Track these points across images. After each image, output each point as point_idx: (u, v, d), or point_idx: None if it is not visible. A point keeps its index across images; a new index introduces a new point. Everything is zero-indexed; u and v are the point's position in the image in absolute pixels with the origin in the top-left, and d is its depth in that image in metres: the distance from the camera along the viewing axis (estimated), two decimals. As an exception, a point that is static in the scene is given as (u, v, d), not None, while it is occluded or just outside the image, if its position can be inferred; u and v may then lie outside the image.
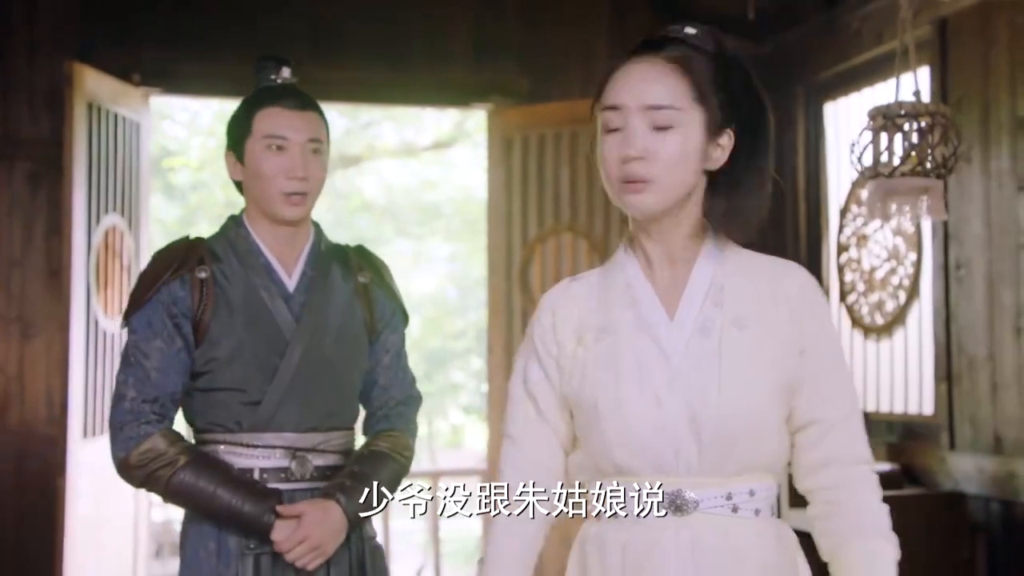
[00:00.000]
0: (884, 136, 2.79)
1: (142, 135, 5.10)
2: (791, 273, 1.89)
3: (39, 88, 5.02)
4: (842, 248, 5.03)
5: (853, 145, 2.86)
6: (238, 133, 2.45)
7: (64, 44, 5.00)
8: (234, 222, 2.51)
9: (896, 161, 2.74)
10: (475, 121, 11.74)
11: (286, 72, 2.55)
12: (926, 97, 4.38)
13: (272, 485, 2.39)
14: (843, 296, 5.02)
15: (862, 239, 4.88)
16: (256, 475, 2.40)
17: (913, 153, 2.74)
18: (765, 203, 1.89)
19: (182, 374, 2.39)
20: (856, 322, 4.92)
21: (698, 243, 1.86)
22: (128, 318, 2.42)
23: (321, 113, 2.53)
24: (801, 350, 1.81)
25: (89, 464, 4.57)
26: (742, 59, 1.88)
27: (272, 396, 2.40)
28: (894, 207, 2.76)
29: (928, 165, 2.75)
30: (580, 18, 5.66)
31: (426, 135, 15.05)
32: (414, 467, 2.65)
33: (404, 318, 2.64)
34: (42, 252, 5.00)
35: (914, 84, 2.91)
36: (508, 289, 5.45)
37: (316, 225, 2.57)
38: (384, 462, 2.49)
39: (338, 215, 15.59)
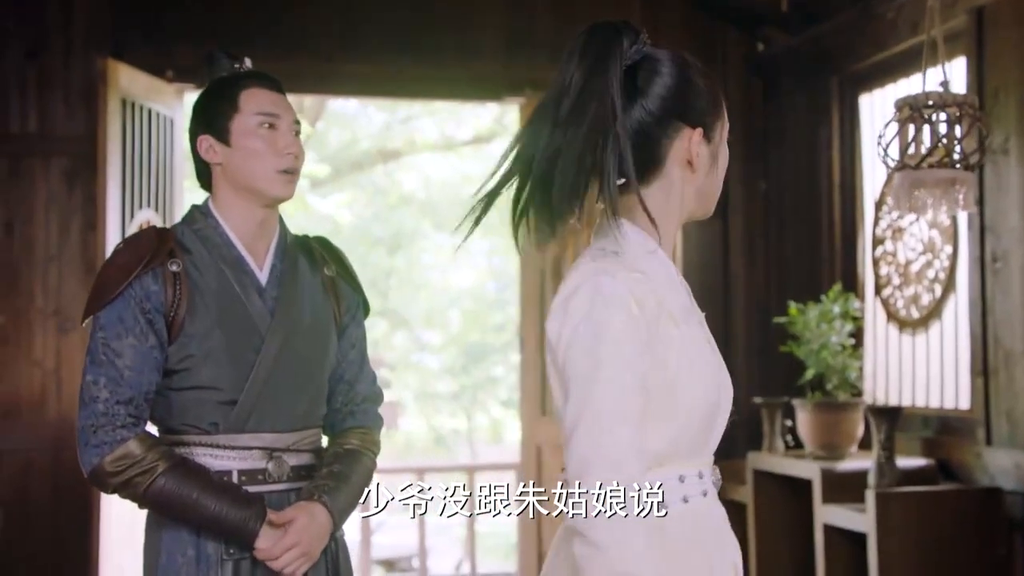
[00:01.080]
0: (911, 127, 2.73)
1: (176, 130, 5.12)
2: None
3: (75, 85, 5.06)
4: (877, 241, 4.96)
5: (880, 137, 2.81)
6: (219, 113, 2.35)
7: (99, 42, 5.04)
8: (200, 212, 2.40)
9: (923, 152, 2.69)
10: (514, 115, 11.74)
11: (248, 62, 2.48)
12: (962, 88, 4.32)
13: (251, 487, 2.31)
14: (878, 290, 4.95)
15: (897, 232, 4.81)
16: (234, 477, 2.31)
17: (941, 144, 2.69)
18: None
19: (156, 373, 2.27)
20: (891, 316, 4.85)
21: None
22: (95, 314, 2.28)
23: None
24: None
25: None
26: None
27: (249, 395, 2.31)
28: (923, 199, 2.71)
29: (956, 156, 2.69)
30: (611, 10, 5.58)
31: (465, 129, 15.06)
32: (451, 461, 2.61)
33: (366, 311, 2.59)
34: (78, 247, 5.05)
35: (943, 74, 2.85)
36: (541, 283, 5.43)
37: (280, 216, 2.50)
38: (360, 460, 2.44)
39: (377, 210, 15.62)
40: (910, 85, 4.70)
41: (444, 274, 16.68)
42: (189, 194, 5.44)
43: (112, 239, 4.66)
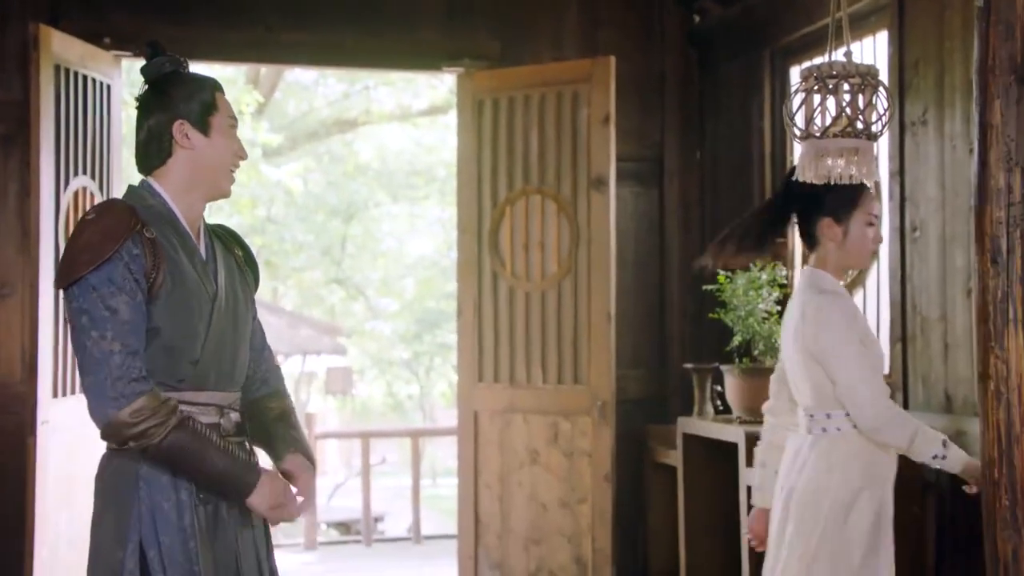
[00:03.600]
0: (816, 97, 2.76)
1: (113, 97, 5.06)
2: None
3: (11, 52, 4.99)
4: (805, 210, 4.98)
5: (785, 106, 2.83)
6: (203, 107, 2.53)
7: (35, 9, 4.96)
8: (145, 190, 2.54)
9: (827, 121, 2.71)
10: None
11: (187, 63, 2.65)
12: (884, 61, 4.35)
13: None
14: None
15: (824, 201, 4.83)
16: None
17: (844, 115, 2.71)
18: None
19: (145, 330, 2.41)
20: (818, 283, 4.88)
21: None
22: (83, 276, 2.37)
23: None
24: None
25: (59, 423, 4.57)
26: None
27: (207, 356, 2.50)
28: (827, 168, 2.73)
29: (859, 126, 2.72)
30: (549, -18, 5.61)
31: (421, 100, 15.00)
32: (397, 427, 2.85)
33: (257, 288, 2.83)
34: (15, 214, 4.98)
35: (847, 44, 2.87)
36: (478, 250, 5.43)
37: None
38: (295, 417, 2.72)
39: (333, 179, 15.55)
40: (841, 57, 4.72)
41: (400, 243, 16.65)
42: (127, 162, 5.40)
43: (46, 206, 4.60)
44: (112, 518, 2.46)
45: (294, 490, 2.58)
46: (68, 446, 4.61)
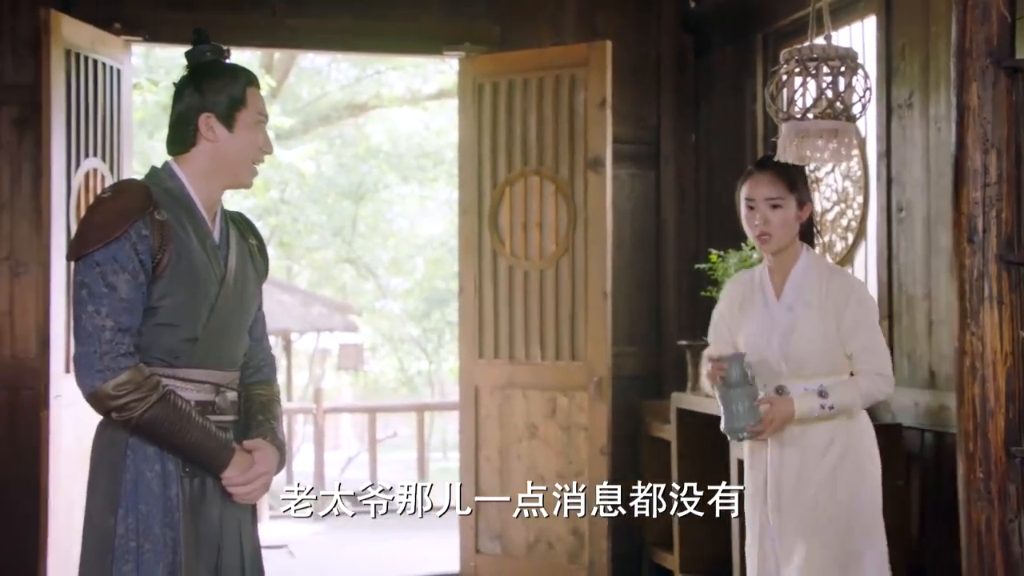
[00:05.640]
0: (797, 80, 2.74)
1: (123, 81, 5.06)
2: (837, 277, 3.35)
3: (23, 36, 5.00)
4: (797, 191, 4.97)
5: (767, 87, 2.82)
6: (230, 102, 2.55)
7: (47, -7, 4.97)
8: (166, 173, 2.57)
9: (808, 103, 2.70)
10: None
11: (229, 51, 2.67)
12: (872, 45, 4.33)
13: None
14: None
15: (815, 183, 4.82)
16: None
17: (825, 97, 2.70)
18: (817, 231, 3.59)
19: (143, 309, 2.45)
20: (808, 262, 4.87)
21: (794, 259, 3.31)
22: (91, 252, 2.42)
23: None
24: (837, 318, 3.23)
25: (71, 397, 4.58)
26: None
27: (207, 335, 2.53)
28: (807, 150, 2.72)
29: (839, 107, 2.70)
30: (547, -33, 5.58)
31: (431, 84, 14.97)
32: (402, 402, 2.86)
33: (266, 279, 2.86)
34: (29, 194, 5.01)
35: (827, 29, 2.86)
36: (479, 230, 5.43)
37: None
38: (279, 410, 2.74)
39: (344, 161, 15.54)
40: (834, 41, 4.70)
41: (410, 224, 16.65)
42: (137, 144, 5.40)
43: (58, 187, 4.62)
44: (104, 485, 2.49)
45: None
46: (79, 419, 4.62)
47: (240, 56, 10.78)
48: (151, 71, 11.29)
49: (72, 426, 4.60)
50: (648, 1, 5.71)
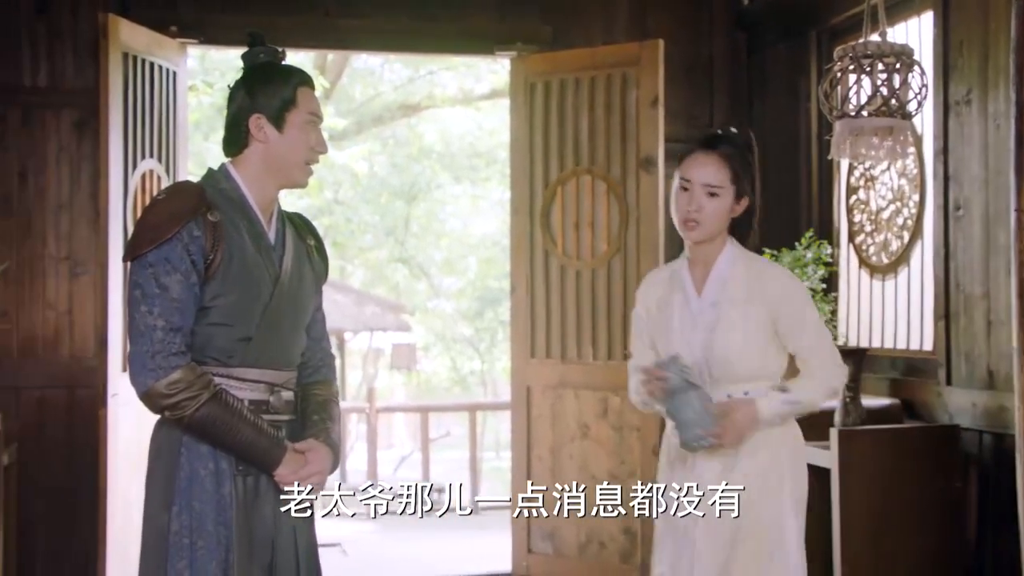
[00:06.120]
0: (852, 77, 2.70)
1: (178, 83, 5.11)
2: (769, 271, 2.99)
3: (82, 40, 5.07)
4: (851, 190, 4.92)
5: (821, 85, 2.77)
6: (280, 103, 2.55)
7: (105, -1, 5.03)
8: (221, 174, 2.60)
9: (863, 100, 2.65)
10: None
11: (284, 53, 2.68)
12: (928, 41, 4.26)
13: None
14: (851, 236, 4.92)
15: (870, 181, 4.77)
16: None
17: (880, 94, 2.65)
18: (752, 229, 3.07)
19: (195, 309, 2.47)
20: (863, 262, 4.82)
21: (718, 251, 2.96)
22: (144, 253, 2.45)
23: None
24: (772, 315, 2.90)
25: (128, 396, 4.61)
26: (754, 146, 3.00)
27: (261, 335, 2.55)
28: (862, 147, 2.68)
29: (894, 105, 2.65)
30: (598, -34, 5.56)
31: (483, 84, 14.99)
32: (454, 401, 2.86)
33: (326, 280, 2.85)
34: (88, 195, 5.07)
35: (882, 26, 2.81)
36: (530, 229, 5.42)
37: None
38: (335, 410, 2.73)
39: (397, 161, 15.60)
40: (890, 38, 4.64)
41: (464, 223, 16.68)
42: (191, 145, 5.45)
43: (115, 188, 4.67)
44: (159, 482, 2.52)
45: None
46: (136, 418, 4.67)
47: (294, 57, 10.86)
48: (206, 73, 11.40)
49: (129, 424, 4.65)
50: (700, -1, 5.68)
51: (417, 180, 15.55)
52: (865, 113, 2.65)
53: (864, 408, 4.13)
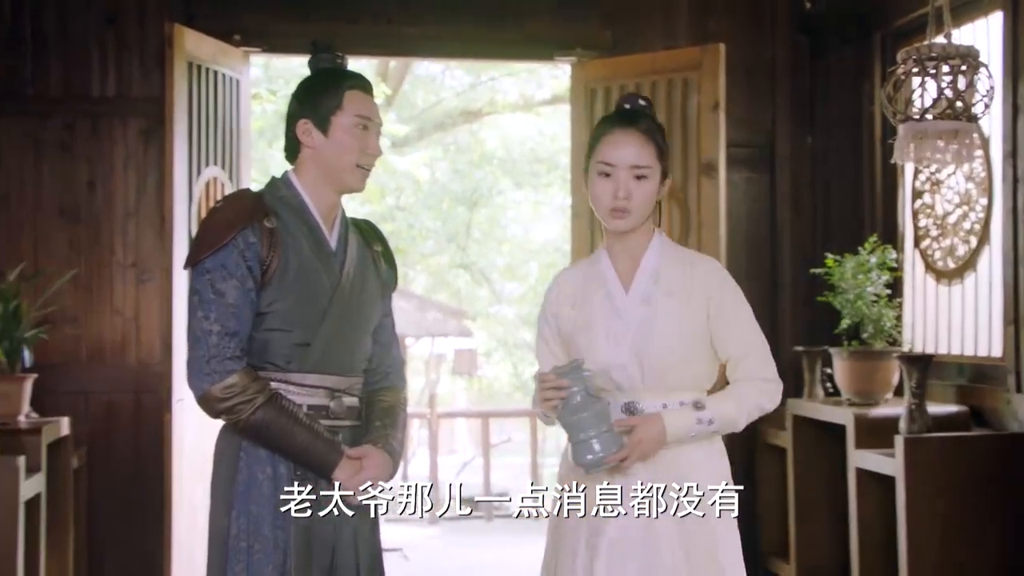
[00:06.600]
0: (916, 80, 2.65)
1: (242, 92, 5.17)
2: (704, 263, 2.68)
3: (149, 50, 5.14)
4: (917, 194, 4.84)
5: (883, 88, 2.73)
6: (325, 107, 2.56)
7: (171, 7, 5.09)
8: (283, 183, 2.63)
9: (927, 103, 2.61)
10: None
11: (346, 60, 2.69)
12: (998, 42, 4.18)
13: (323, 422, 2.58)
14: (917, 241, 4.84)
15: (935, 185, 4.69)
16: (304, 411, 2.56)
17: (944, 96, 2.61)
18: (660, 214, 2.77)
19: (252, 314, 2.50)
20: (929, 267, 4.74)
21: (646, 242, 2.64)
22: (201, 260, 2.49)
23: None
24: (709, 313, 2.59)
25: (192, 401, 4.67)
26: None
27: (320, 340, 2.56)
28: (926, 151, 2.64)
29: (959, 107, 2.61)
30: (660, -28, 5.54)
31: (544, 90, 14.99)
32: (515, 407, 2.86)
33: (395, 287, 2.86)
34: (154, 203, 5.14)
35: (947, 27, 2.76)
36: (591, 235, 5.40)
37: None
38: (400, 416, 2.73)
39: (458, 167, 15.64)
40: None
41: (525, 229, 16.68)
42: (255, 153, 5.50)
43: (180, 195, 4.73)
44: (221, 486, 2.56)
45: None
46: (201, 423, 4.72)
47: (355, 64, 10.92)
48: (270, 81, 11.52)
49: (194, 429, 4.71)
50: (761, 3, 5.62)
51: (479, 186, 15.58)
52: (929, 116, 2.60)
53: (930, 415, 4.06)
